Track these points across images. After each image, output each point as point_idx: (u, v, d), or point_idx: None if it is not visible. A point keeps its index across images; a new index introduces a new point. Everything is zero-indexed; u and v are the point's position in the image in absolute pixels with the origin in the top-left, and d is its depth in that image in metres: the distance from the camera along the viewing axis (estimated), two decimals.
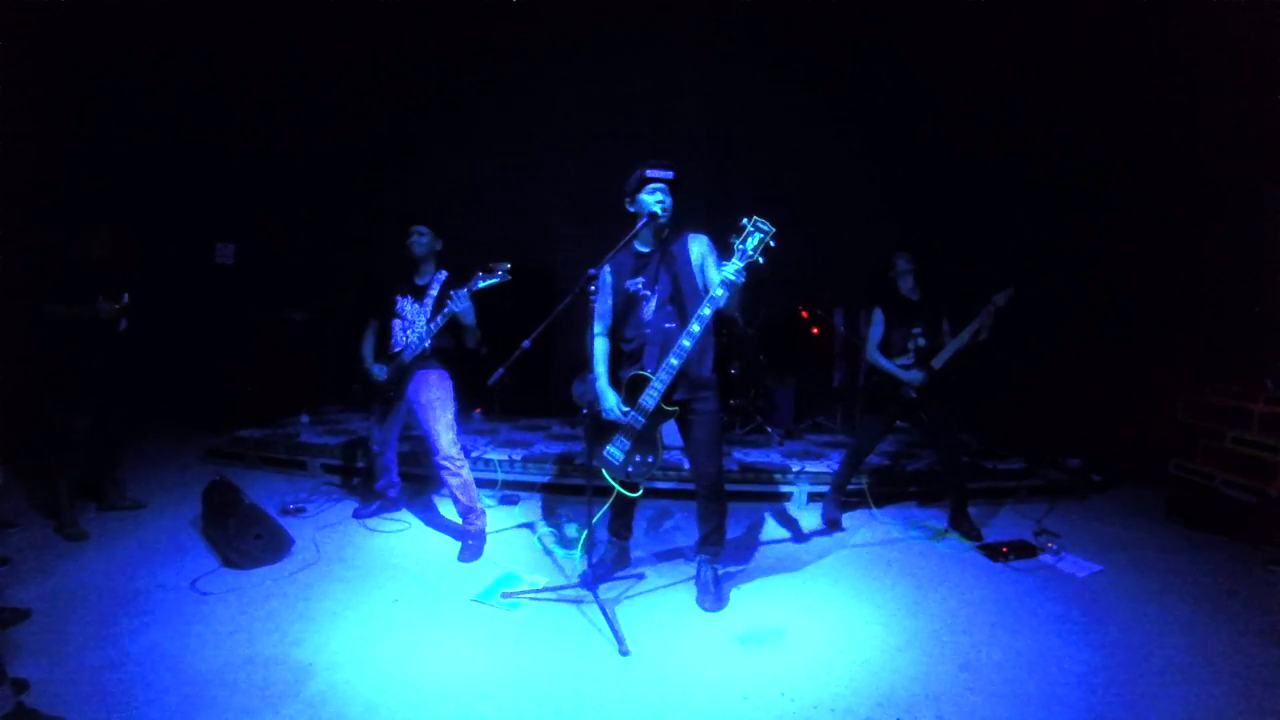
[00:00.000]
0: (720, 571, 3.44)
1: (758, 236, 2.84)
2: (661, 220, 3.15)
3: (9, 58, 4.44)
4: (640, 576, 3.60)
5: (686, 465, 4.36)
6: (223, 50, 6.15)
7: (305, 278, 6.94)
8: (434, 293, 3.94)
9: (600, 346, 3.34)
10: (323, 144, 6.71)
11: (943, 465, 4.41)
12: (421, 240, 3.96)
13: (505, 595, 3.32)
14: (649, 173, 3.15)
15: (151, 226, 5.93)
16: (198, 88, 6.27)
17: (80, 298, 3.92)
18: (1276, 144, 4.64)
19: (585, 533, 3.43)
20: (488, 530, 3.97)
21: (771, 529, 4.41)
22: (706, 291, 3.02)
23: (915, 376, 4.19)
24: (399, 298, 4.02)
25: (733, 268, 2.85)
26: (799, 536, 4.29)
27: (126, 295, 4.10)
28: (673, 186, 3.17)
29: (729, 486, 3.43)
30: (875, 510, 4.67)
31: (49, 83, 5.23)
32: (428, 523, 4.36)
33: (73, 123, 5.58)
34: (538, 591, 3.38)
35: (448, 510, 4.46)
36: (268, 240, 6.86)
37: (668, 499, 4.76)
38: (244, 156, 6.63)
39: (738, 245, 2.86)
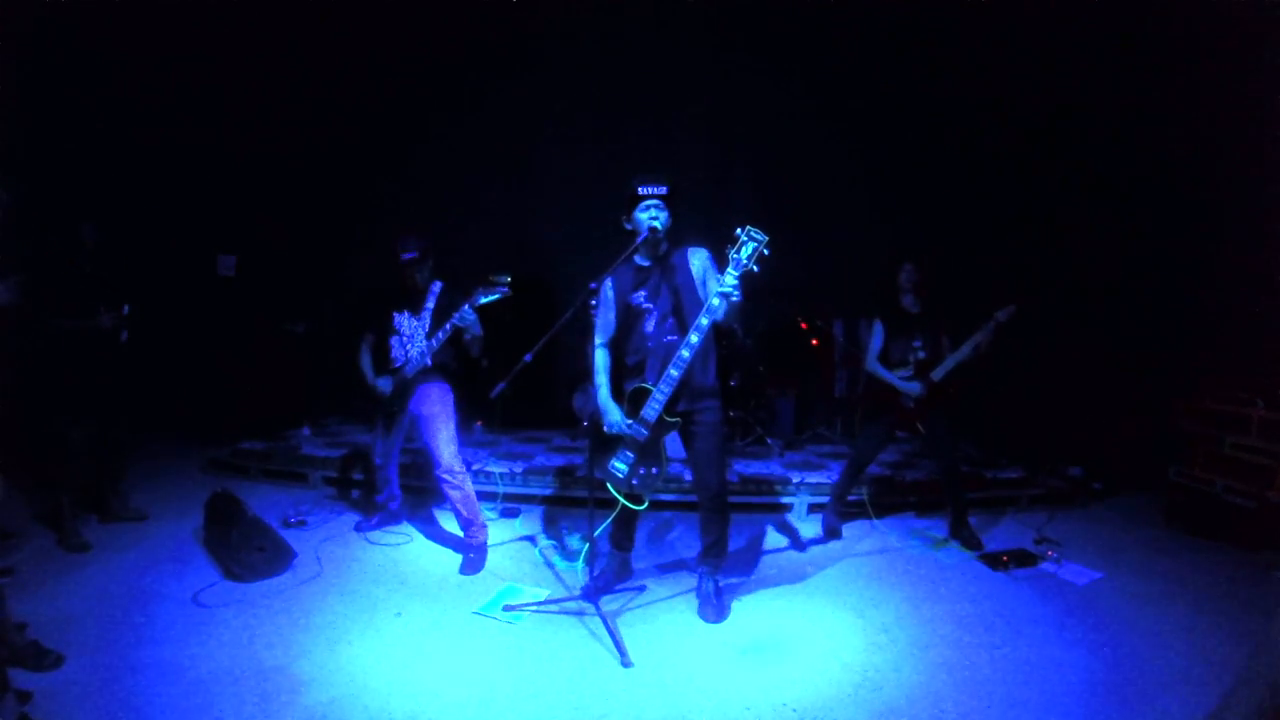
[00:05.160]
0: (722, 583, 3.45)
1: (751, 245, 2.86)
2: (659, 235, 3.16)
3: (9, 58, 4.48)
4: (642, 588, 3.60)
5: (688, 477, 4.37)
6: (222, 58, 6.19)
7: (306, 289, 6.96)
8: (430, 305, 3.94)
9: (602, 359, 3.36)
10: (323, 154, 6.73)
11: (942, 475, 4.42)
12: (425, 274, 3.96)
13: (507, 608, 3.33)
14: (641, 189, 3.16)
15: (153, 237, 5.96)
16: (197, 96, 6.31)
17: (82, 309, 3.95)
18: (1276, 144, 4.66)
19: (588, 545, 3.43)
20: (489, 543, 3.97)
21: (772, 540, 4.42)
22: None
23: (914, 387, 4.21)
24: (395, 312, 4.00)
25: (729, 278, 2.87)
26: (800, 547, 4.29)
27: (127, 306, 4.13)
28: (668, 200, 3.17)
29: (730, 498, 3.44)
30: (875, 520, 4.67)
31: (49, 83, 5.27)
32: (429, 536, 4.36)
33: (73, 126, 5.62)
34: (540, 604, 3.38)
35: (449, 523, 4.47)
36: (269, 251, 6.89)
37: (670, 511, 4.76)
38: (244, 167, 6.66)
39: (732, 255, 2.87)
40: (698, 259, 3.26)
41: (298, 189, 6.79)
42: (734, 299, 2.88)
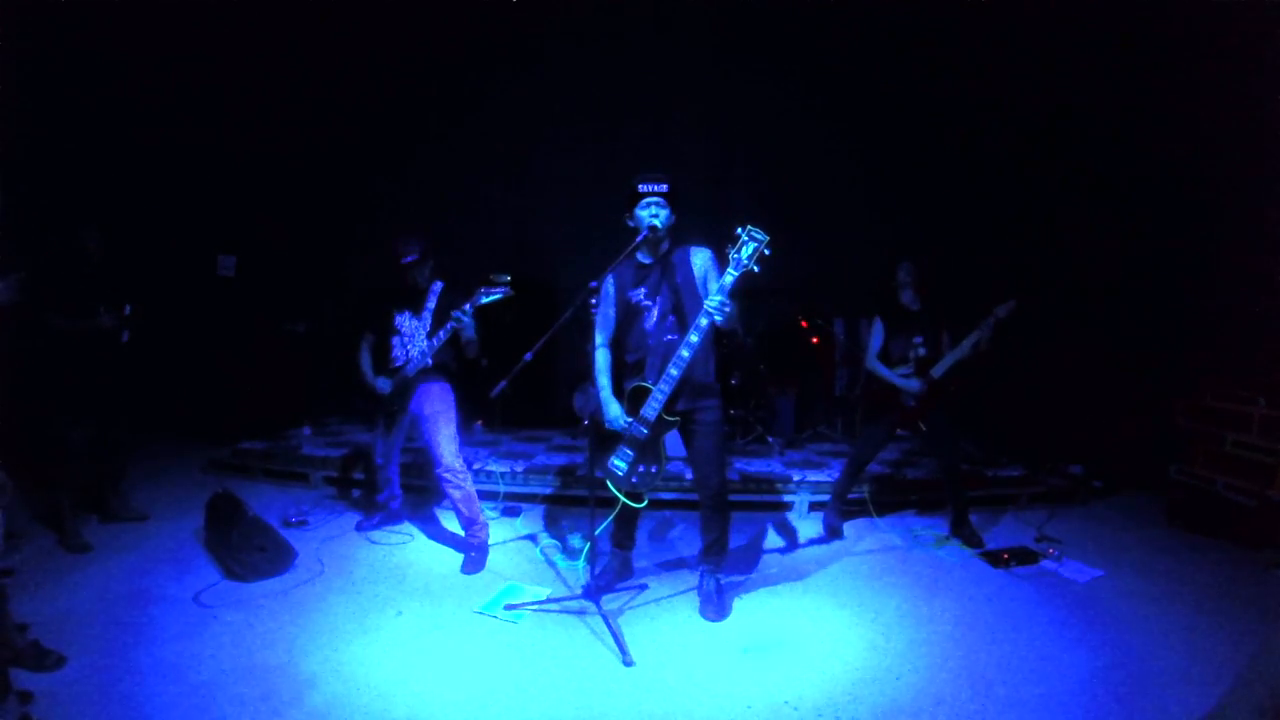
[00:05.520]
0: (723, 581, 3.45)
1: (752, 245, 2.86)
2: (659, 233, 3.17)
3: (9, 58, 4.47)
4: (643, 587, 3.61)
5: (689, 475, 4.37)
6: (222, 59, 6.19)
7: (307, 289, 6.97)
8: (431, 305, 3.94)
9: (602, 357, 3.36)
10: (323, 155, 6.74)
11: (943, 473, 4.42)
12: (425, 274, 3.96)
13: (509, 607, 3.33)
14: (641, 187, 3.17)
15: (153, 237, 5.96)
16: (197, 97, 6.30)
17: (82, 308, 3.95)
18: (1276, 144, 4.66)
19: (588, 544, 3.44)
20: (490, 542, 3.98)
21: (773, 539, 4.42)
22: None
23: (914, 385, 4.21)
24: (395, 312, 4.01)
25: (728, 277, 2.87)
26: (801, 546, 4.30)
27: (129, 306, 4.14)
28: (669, 198, 3.18)
29: (730, 496, 3.44)
30: (876, 519, 4.67)
31: (49, 84, 5.27)
32: (430, 535, 4.36)
33: (73, 127, 5.62)
34: (541, 603, 3.38)
35: (450, 522, 4.47)
36: (269, 251, 6.89)
37: (670, 509, 4.77)
38: (244, 167, 6.66)
39: (732, 255, 2.88)
40: (700, 258, 3.26)
41: (298, 189, 6.80)
42: (727, 309, 2.87)
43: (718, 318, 2.89)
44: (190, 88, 6.25)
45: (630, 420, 3.16)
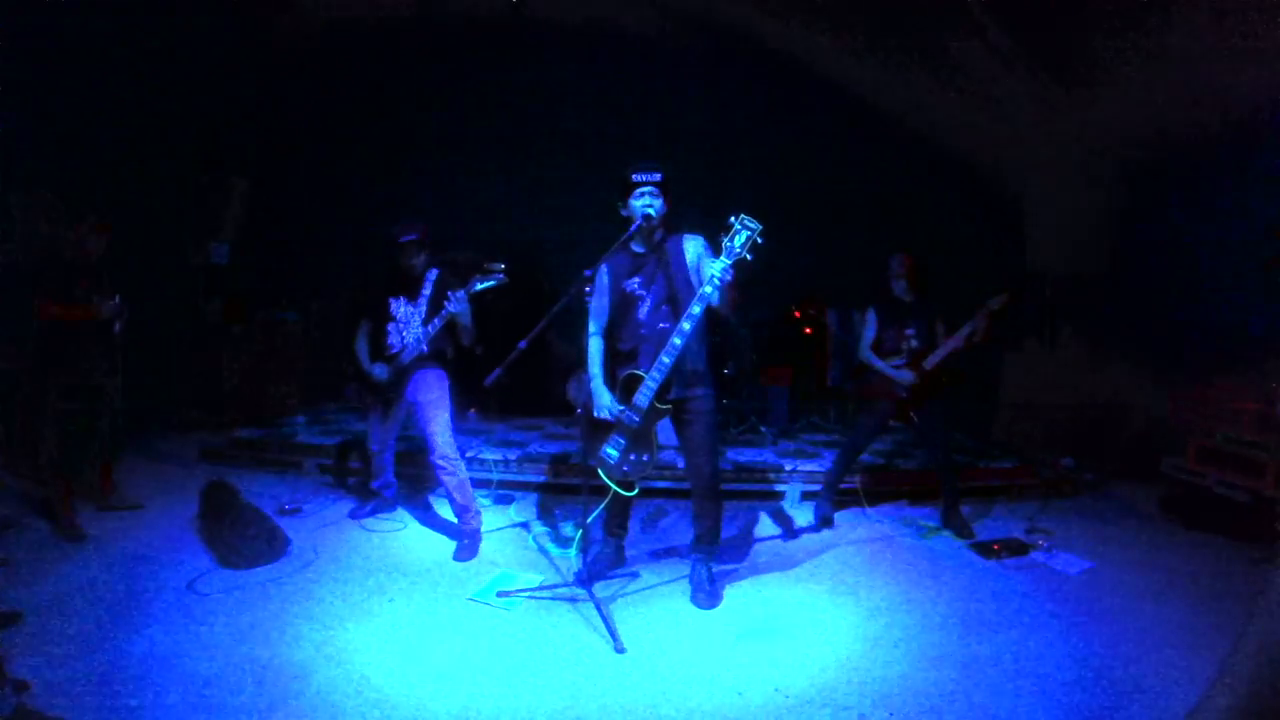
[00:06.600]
0: (715, 569, 3.47)
1: (745, 234, 2.88)
2: (653, 222, 3.17)
3: (9, 58, 4.44)
4: (635, 575, 3.62)
5: (681, 464, 4.38)
6: (222, 49, 6.15)
7: (300, 277, 6.95)
8: (427, 292, 3.94)
9: (595, 346, 3.37)
10: (319, 143, 6.72)
11: (935, 464, 4.43)
12: (422, 260, 3.96)
13: (501, 594, 3.34)
14: (635, 176, 3.19)
15: (147, 225, 5.93)
16: (196, 86, 6.26)
17: (76, 299, 3.94)
18: (1276, 142, 4.66)
19: (581, 531, 3.45)
20: (483, 529, 3.99)
21: (765, 527, 4.44)
22: None
23: (907, 376, 4.22)
24: (391, 299, 4.01)
25: (720, 265, 2.89)
26: (793, 535, 4.32)
27: (118, 296, 4.12)
28: (662, 188, 3.19)
29: (723, 486, 3.45)
30: (868, 509, 4.69)
31: (49, 82, 5.23)
32: (424, 522, 4.37)
33: (72, 121, 5.58)
34: (534, 590, 3.40)
35: (444, 510, 4.48)
36: (264, 243, 6.87)
37: (663, 498, 4.78)
38: (243, 164, 6.63)
39: (726, 243, 2.90)
40: (693, 246, 3.26)
41: (297, 186, 6.77)
42: (727, 280, 2.89)
43: (714, 300, 2.92)
44: (190, 86, 6.20)
45: (623, 408, 3.16)
